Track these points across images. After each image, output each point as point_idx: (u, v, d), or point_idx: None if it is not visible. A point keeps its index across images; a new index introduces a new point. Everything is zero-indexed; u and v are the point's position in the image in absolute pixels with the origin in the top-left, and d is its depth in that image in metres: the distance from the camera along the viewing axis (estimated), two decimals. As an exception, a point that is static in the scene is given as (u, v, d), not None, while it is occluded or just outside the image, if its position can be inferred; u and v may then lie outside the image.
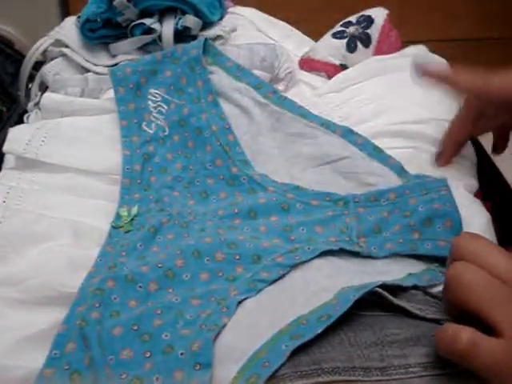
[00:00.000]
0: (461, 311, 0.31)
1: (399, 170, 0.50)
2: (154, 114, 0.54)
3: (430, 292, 0.39)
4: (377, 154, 0.51)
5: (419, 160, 0.52)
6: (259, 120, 0.53)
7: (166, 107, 0.54)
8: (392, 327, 0.35)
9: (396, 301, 0.36)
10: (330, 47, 0.64)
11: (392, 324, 0.35)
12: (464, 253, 0.33)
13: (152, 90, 0.55)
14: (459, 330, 0.30)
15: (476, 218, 0.47)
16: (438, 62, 0.62)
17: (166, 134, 0.53)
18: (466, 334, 0.30)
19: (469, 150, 0.55)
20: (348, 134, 0.52)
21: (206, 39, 0.58)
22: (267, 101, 0.55)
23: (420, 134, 0.54)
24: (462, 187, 0.49)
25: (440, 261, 0.44)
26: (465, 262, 0.32)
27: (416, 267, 0.43)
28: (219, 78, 0.56)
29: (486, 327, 0.30)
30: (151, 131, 0.53)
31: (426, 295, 0.38)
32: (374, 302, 0.36)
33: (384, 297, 0.36)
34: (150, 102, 0.54)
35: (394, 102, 0.56)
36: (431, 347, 0.33)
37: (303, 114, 0.54)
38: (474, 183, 0.52)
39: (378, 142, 0.51)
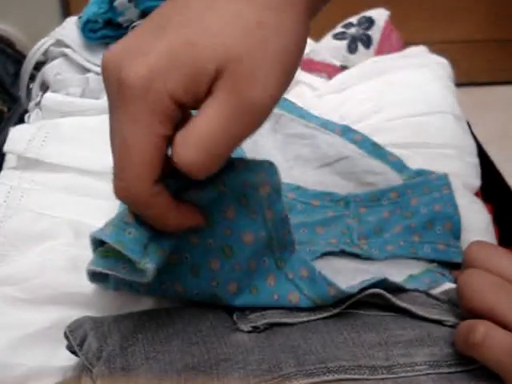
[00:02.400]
0: (475, 316, 0.32)
1: (399, 166, 0.50)
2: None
3: (432, 294, 0.39)
4: (376, 151, 0.51)
5: (421, 154, 0.52)
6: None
7: None
8: (396, 328, 0.35)
9: (399, 303, 0.36)
10: (330, 48, 0.64)
11: (396, 325, 0.35)
12: (474, 259, 0.34)
13: None
14: (476, 322, 0.31)
15: (476, 219, 0.47)
16: (440, 62, 0.62)
17: None
18: (481, 327, 0.31)
19: (472, 149, 0.55)
20: (347, 132, 0.52)
21: None
22: (266, 102, 0.55)
23: (423, 126, 0.54)
24: (462, 186, 0.49)
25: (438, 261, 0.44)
26: (475, 268, 0.33)
27: (416, 268, 0.44)
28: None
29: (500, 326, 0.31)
30: None
31: (428, 297, 0.38)
32: (377, 303, 0.36)
33: (387, 299, 0.36)
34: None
35: (394, 100, 0.56)
36: (436, 347, 0.34)
37: (302, 114, 0.54)
38: (475, 182, 0.52)
39: (378, 138, 0.51)
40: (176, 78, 0.29)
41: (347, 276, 0.42)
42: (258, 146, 0.52)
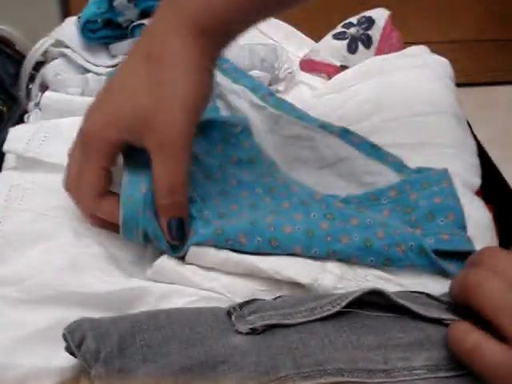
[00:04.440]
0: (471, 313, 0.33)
1: (398, 166, 0.50)
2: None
3: (433, 295, 0.39)
4: (374, 152, 0.51)
5: (421, 154, 0.52)
6: (257, 124, 0.53)
7: None
8: (395, 331, 0.35)
9: (400, 301, 0.36)
10: (330, 48, 0.64)
11: (395, 327, 0.35)
12: (487, 261, 0.34)
13: None
14: (469, 330, 0.32)
15: (478, 216, 0.47)
16: (440, 62, 0.62)
17: None
18: (474, 335, 0.31)
19: (472, 149, 0.55)
20: (345, 134, 0.52)
21: None
22: (264, 103, 0.54)
23: (423, 126, 0.54)
24: (462, 185, 0.49)
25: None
26: (486, 270, 0.33)
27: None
28: (216, 80, 0.56)
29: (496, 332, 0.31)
30: None
31: (428, 298, 0.38)
32: (377, 303, 0.36)
33: (387, 297, 0.36)
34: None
35: (393, 100, 0.56)
36: (435, 350, 0.34)
37: (300, 116, 0.54)
38: (475, 181, 0.52)
39: (378, 138, 0.51)
40: (114, 131, 0.42)
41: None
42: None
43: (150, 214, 0.42)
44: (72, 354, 0.35)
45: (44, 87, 0.62)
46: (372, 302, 0.36)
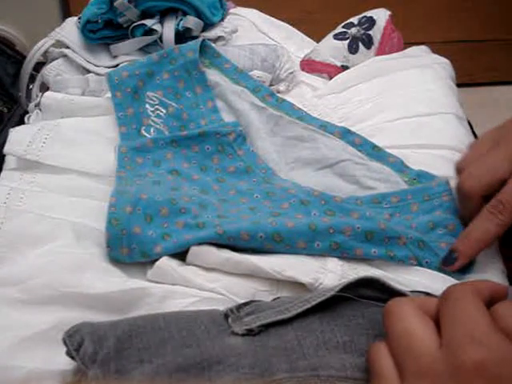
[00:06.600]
0: None
1: (400, 166, 0.50)
2: (153, 118, 0.54)
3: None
4: (376, 153, 0.51)
5: (423, 155, 0.52)
6: (257, 124, 0.53)
7: (164, 111, 0.54)
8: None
9: (398, 287, 0.36)
10: (331, 48, 0.64)
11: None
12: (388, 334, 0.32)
13: (149, 93, 0.55)
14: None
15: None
16: (441, 62, 0.62)
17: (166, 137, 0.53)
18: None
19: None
20: (346, 134, 0.52)
21: (204, 40, 0.58)
22: (265, 104, 0.54)
23: (424, 127, 0.54)
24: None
25: None
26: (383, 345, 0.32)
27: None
28: (217, 80, 0.56)
29: None
30: (150, 136, 0.52)
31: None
32: (374, 297, 0.36)
33: (386, 286, 0.36)
34: (147, 106, 0.54)
35: (395, 100, 0.56)
36: None
37: (301, 116, 0.54)
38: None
39: (379, 139, 0.51)
40: None
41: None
42: (257, 148, 0.52)
43: (137, 230, 0.43)
44: (72, 358, 0.35)
45: (44, 88, 0.62)
46: (370, 297, 0.36)
